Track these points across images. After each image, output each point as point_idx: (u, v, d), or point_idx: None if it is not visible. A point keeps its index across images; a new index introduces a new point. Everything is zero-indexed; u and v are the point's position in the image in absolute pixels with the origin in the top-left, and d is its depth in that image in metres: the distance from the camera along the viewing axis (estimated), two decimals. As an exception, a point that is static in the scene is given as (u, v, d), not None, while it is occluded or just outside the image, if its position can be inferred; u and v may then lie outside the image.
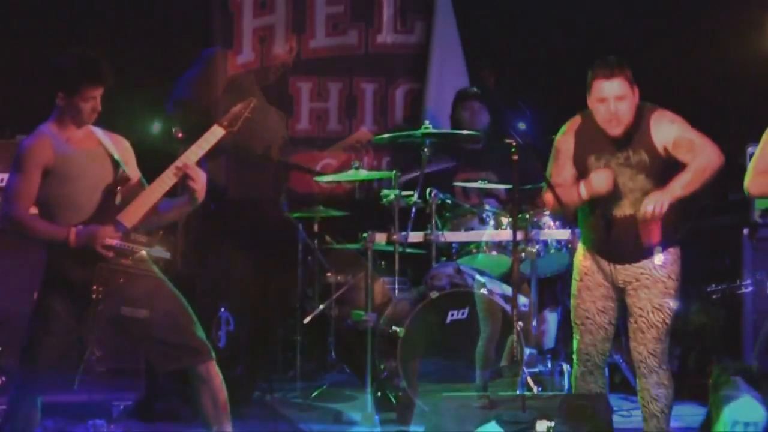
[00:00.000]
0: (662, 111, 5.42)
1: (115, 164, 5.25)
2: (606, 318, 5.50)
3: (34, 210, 5.22)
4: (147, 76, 8.16)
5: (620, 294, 5.50)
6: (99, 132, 5.33)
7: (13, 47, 7.86)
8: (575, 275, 5.58)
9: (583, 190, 5.37)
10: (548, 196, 5.48)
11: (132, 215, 5.15)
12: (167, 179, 5.17)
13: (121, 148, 5.34)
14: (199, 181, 5.17)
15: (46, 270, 5.19)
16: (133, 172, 5.34)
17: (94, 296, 5.11)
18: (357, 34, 8.67)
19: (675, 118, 5.41)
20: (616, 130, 5.35)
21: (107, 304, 5.16)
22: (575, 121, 5.53)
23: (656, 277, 5.43)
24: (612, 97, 5.33)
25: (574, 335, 5.62)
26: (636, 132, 5.39)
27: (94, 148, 5.26)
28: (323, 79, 8.65)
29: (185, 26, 8.35)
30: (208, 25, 8.41)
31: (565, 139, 5.53)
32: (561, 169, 5.49)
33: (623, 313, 5.56)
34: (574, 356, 5.60)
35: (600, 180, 5.35)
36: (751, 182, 5.42)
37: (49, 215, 5.15)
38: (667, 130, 5.38)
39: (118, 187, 5.21)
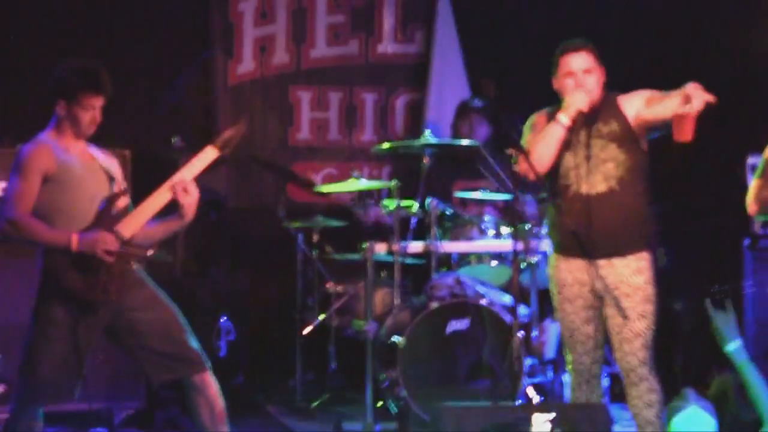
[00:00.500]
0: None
1: (110, 179, 5.28)
2: (592, 327, 5.50)
3: None
4: (146, 86, 8.17)
5: (599, 302, 5.49)
6: (93, 149, 5.36)
7: (13, 56, 7.85)
8: (553, 288, 5.57)
9: (563, 117, 5.37)
10: (523, 164, 5.44)
11: (130, 226, 5.17)
12: (162, 195, 5.19)
13: (113, 167, 5.39)
14: (192, 197, 5.18)
15: (42, 278, 5.19)
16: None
17: (92, 301, 5.12)
18: (357, 44, 8.67)
19: (641, 90, 5.48)
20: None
21: (104, 312, 5.17)
22: (542, 111, 5.60)
23: (635, 284, 5.42)
24: (579, 70, 5.43)
25: (564, 347, 5.62)
26: (605, 106, 5.45)
27: (91, 161, 5.29)
28: (324, 89, 8.65)
29: (185, 36, 8.36)
30: (208, 34, 8.41)
31: (539, 116, 5.59)
32: (538, 135, 5.50)
33: (605, 323, 5.55)
34: (568, 367, 5.61)
35: (577, 97, 5.37)
36: (752, 202, 5.43)
37: (46, 223, 5.16)
38: (636, 97, 5.45)
39: (117, 200, 5.23)
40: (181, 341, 5.25)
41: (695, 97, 5.05)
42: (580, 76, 5.41)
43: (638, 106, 5.41)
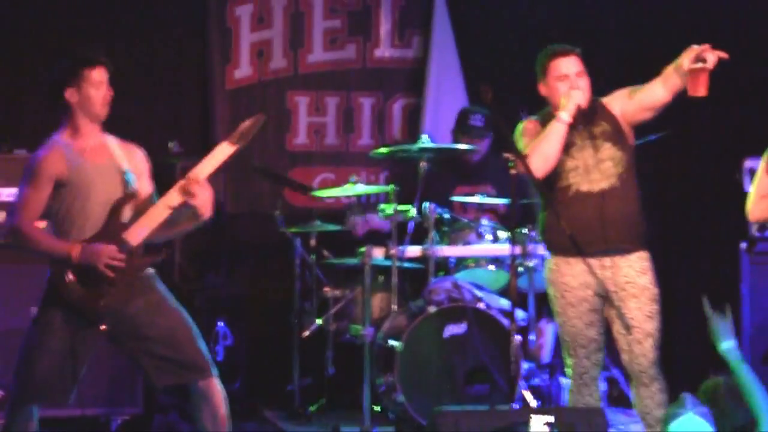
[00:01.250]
0: None
1: (125, 179, 5.22)
2: (595, 330, 5.51)
3: (41, 223, 5.21)
4: (143, 91, 8.17)
5: (602, 304, 5.49)
6: (113, 142, 5.29)
7: (11, 61, 7.85)
8: (554, 292, 5.56)
9: (564, 114, 5.38)
10: (521, 168, 5.43)
11: (137, 233, 5.12)
12: (172, 197, 5.11)
13: (134, 160, 5.31)
14: (200, 197, 5.11)
15: (47, 286, 5.17)
16: (146, 184, 5.31)
17: (93, 313, 5.10)
18: (355, 49, 8.66)
19: (619, 90, 5.56)
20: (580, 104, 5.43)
21: (108, 321, 5.15)
22: (531, 118, 5.64)
23: (641, 285, 5.45)
24: (572, 73, 5.46)
25: (564, 351, 5.61)
26: (592, 109, 5.48)
27: (105, 162, 5.22)
28: (321, 94, 8.64)
29: (183, 41, 8.35)
30: (205, 39, 8.40)
31: (529, 122, 5.62)
32: (535, 137, 5.50)
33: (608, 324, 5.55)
34: (567, 371, 5.60)
35: (575, 94, 5.40)
36: (753, 208, 5.43)
37: (60, 229, 5.15)
38: (618, 95, 5.53)
39: (126, 204, 5.18)
40: (188, 347, 5.21)
41: (710, 53, 5.13)
42: (573, 78, 5.44)
43: (622, 102, 5.50)
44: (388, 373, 6.74)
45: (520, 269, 7.05)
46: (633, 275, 5.44)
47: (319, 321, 7.48)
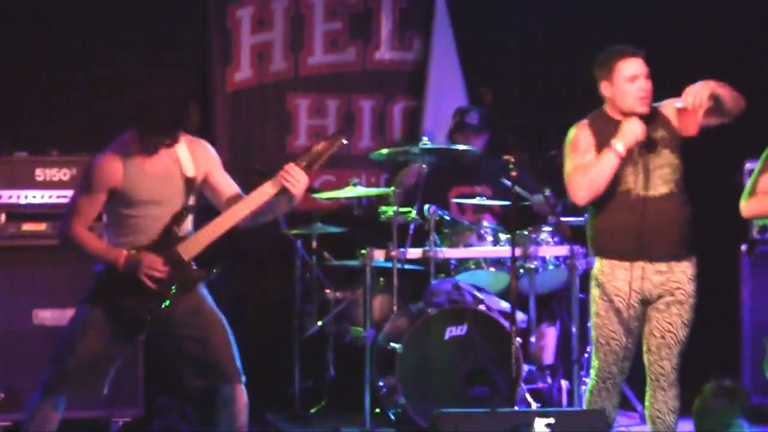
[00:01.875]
0: None
1: (188, 190, 5.20)
2: (632, 338, 5.46)
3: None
4: (143, 92, 8.15)
5: (645, 306, 5.47)
6: (181, 144, 5.25)
7: (11, 61, 7.84)
8: (601, 295, 5.48)
9: (619, 145, 5.30)
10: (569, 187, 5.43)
11: (191, 248, 5.15)
12: (234, 214, 5.20)
13: (200, 159, 5.30)
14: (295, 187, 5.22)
15: (97, 280, 5.18)
16: (221, 177, 5.34)
17: (137, 321, 5.14)
18: (355, 51, 8.66)
19: (674, 98, 5.50)
20: (645, 108, 5.38)
21: (148, 328, 5.19)
22: (583, 123, 5.53)
23: (689, 292, 5.44)
24: (642, 75, 5.38)
25: (593, 352, 5.55)
26: (651, 114, 5.43)
27: (168, 172, 5.20)
28: (321, 96, 8.63)
29: (183, 43, 8.34)
30: (205, 42, 8.39)
31: (581, 131, 5.51)
32: (584, 154, 5.43)
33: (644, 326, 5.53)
34: (592, 371, 5.55)
35: (633, 125, 5.32)
36: (746, 204, 5.44)
37: (116, 233, 5.16)
38: (672, 102, 5.45)
39: (185, 217, 5.18)
40: (220, 350, 5.23)
41: (687, 94, 5.21)
42: (643, 80, 5.39)
43: (676, 107, 5.45)
44: (388, 375, 6.74)
45: (521, 271, 7.06)
46: (684, 281, 5.44)
47: (319, 323, 7.49)
